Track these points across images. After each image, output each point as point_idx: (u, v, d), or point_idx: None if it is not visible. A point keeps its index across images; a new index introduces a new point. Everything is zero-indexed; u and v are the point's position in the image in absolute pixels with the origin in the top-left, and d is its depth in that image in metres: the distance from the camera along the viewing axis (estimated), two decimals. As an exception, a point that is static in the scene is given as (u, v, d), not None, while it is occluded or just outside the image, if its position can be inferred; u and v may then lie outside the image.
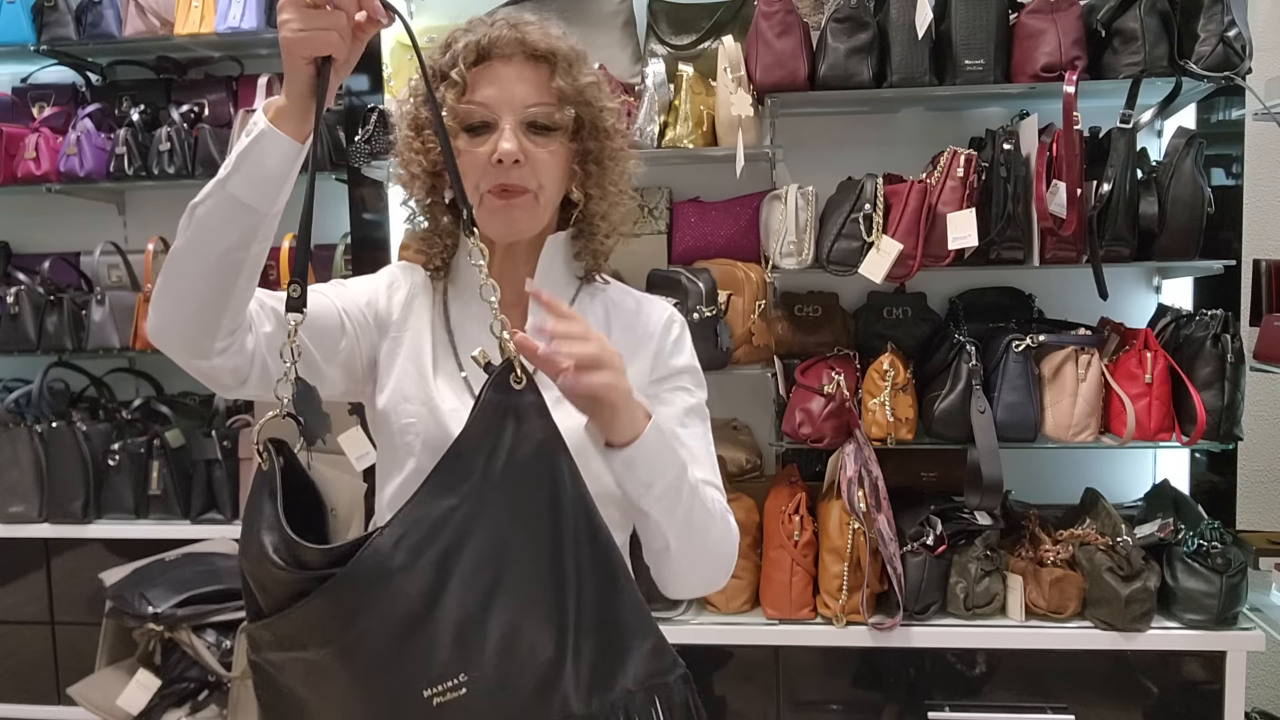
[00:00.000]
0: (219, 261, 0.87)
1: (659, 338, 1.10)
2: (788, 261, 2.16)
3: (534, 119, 1.01)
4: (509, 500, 0.79)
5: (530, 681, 0.79)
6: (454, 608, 0.76)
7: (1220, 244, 2.13)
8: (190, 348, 0.89)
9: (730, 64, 2.14)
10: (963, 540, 2.07)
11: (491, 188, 1.00)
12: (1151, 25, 2.02)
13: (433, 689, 0.76)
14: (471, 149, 1.01)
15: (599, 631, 0.82)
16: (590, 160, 1.06)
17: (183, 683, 2.22)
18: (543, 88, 1.01)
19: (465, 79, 1.00)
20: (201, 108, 2.89)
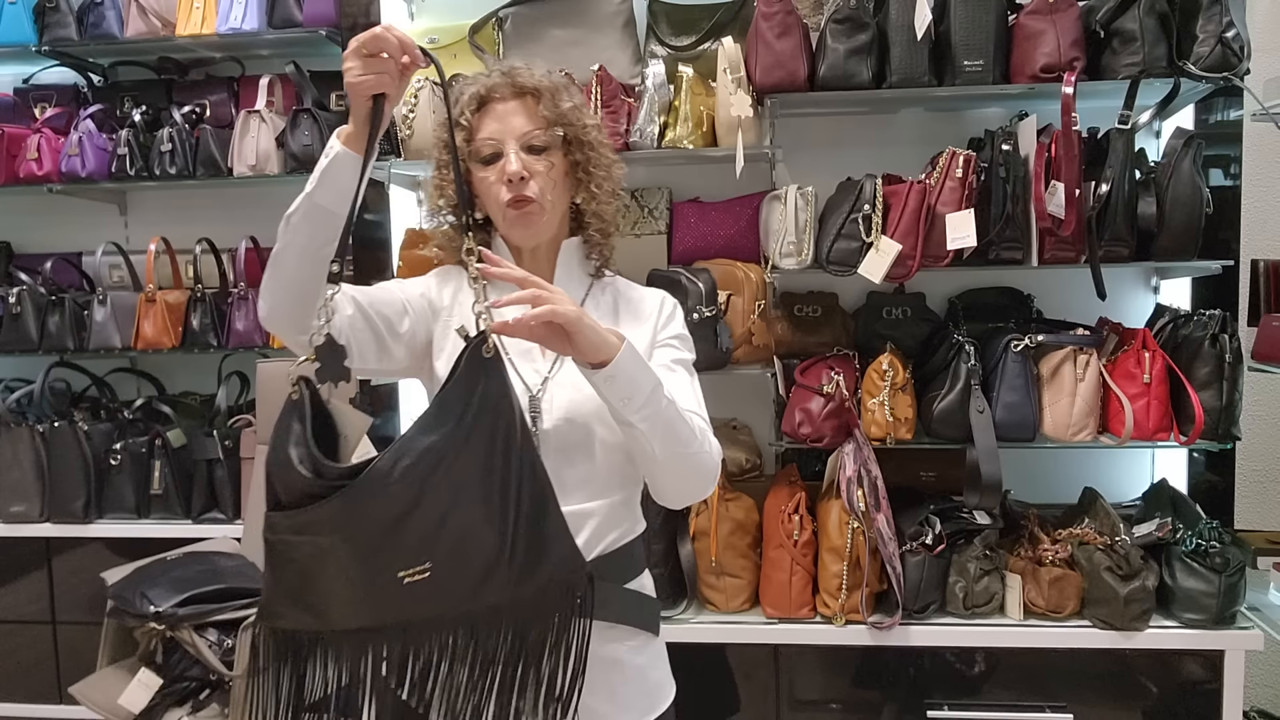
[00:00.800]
0: (310, 255, 1.12)
1: (655, 315, 1.35)
2: (787, 262, 2.16)
3: (530, 142, 1.26)
4: (473, 440, 1.03)
5: (476, 570, 1.03)
6: (425, 514, 1.00)
7: (1218, 244, 2.14)
8: (294, 325, 1.15)
9: (730, 65, 2.15)
10: (962, 540, 2.08)
11: (507, 202, 1.25)
12: (1150, 26, 2.03)
13: (405, 570, 1.00)
14: (487, 176, 1.27)
15: (529, 539, 1.05)
16: (580, 168, 1.31)
17: (184, 682, 2.22)
18: (533, 117, 1.27)
19: (471, 123, 1.28)
20: (203, 108, 2.90)
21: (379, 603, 1.02)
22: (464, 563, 1.03)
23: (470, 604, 1.04)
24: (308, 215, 1.12)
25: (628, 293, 1.38)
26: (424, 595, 1.02)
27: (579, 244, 1.36)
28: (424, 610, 1.03)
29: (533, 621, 1.07)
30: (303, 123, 2.66)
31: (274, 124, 2.71)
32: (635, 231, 2.42)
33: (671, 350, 1.32)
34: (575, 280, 1.34)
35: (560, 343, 1.11)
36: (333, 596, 1.03)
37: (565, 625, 1.09)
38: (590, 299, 1.34)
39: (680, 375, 1.29)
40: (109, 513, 2.77)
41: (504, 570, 1.04)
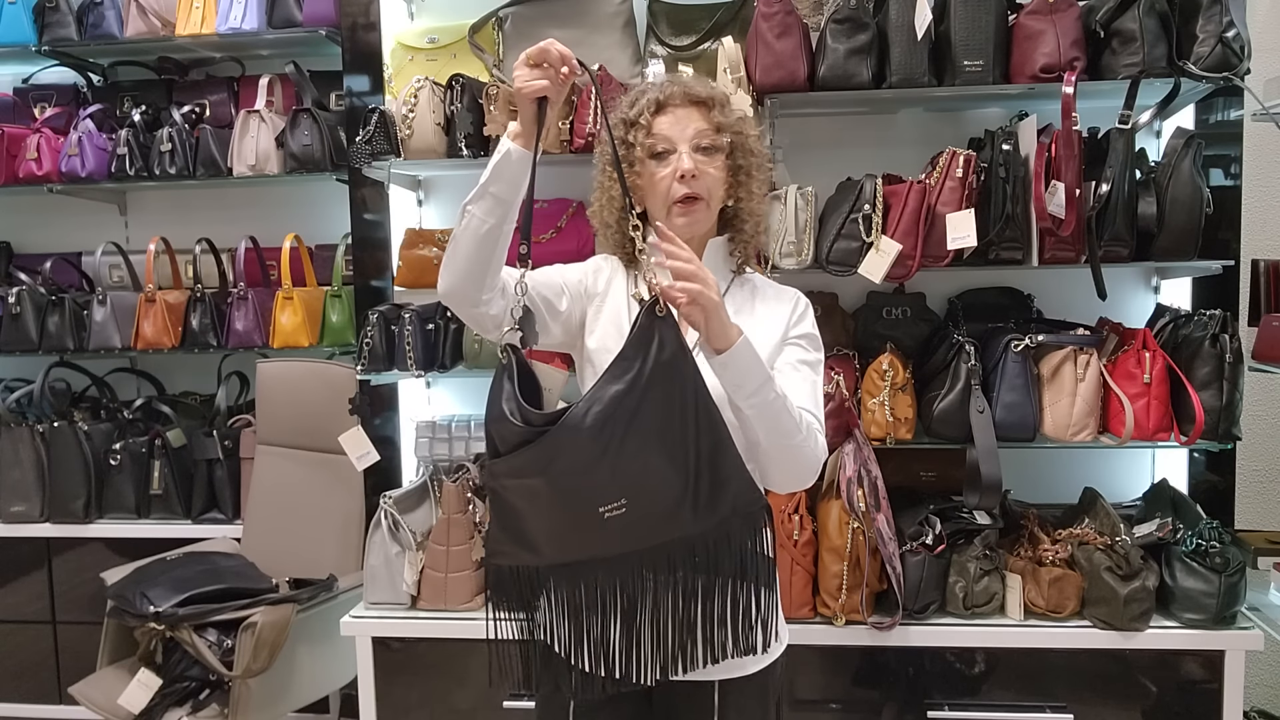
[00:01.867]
0: (484, 238, 1.28)
1: (789, 311, 1.46)
2: (787, 262, 2.16)
3: (700, 142, 1.38)
4: (654, 388, 1.18)
5: (665, 505, 1.19)
6: (618, 454, 1.16)
7: (1219, 244, 2.13)
8: (468, 300, 1.30)
9: (730, 65, 2.15)
10: (962, 540, 2.08)
11: (677, 199, 1.38)
12: (1150, 26, 2.02)
13: (605, 506, 1.17)
14: (658, 171, 1.39)
15: (710, 477, 1.21)
16: (741, 172, 1.43)
17: (184, 682, 2.23)
18: (706, 122, 1.39)
19: (649, 122, 1.39)
20: (203, 108, 2.90)
21: (584, 538, 1.19)
22: (654, 500, 1.18)
23: (663, 537, 1.20)
24: (483, 203, 1.28)
25: (765, 289, 1.50)
26: (623, 530, 1.18)
27: (724, 242, 1.48)
28: (624, 544, 1.20)
29: (723, 552, 1.23)
30: (302, 123, 2.66)
31: (274, 124, 2.72)
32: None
33: (799, 350, 1.43)
34: (719, 275, 1.42)
35: (696, 319, 1.23)
36: (544, 533, 1.21)
37: (751, 554, 1.24)
38: (730, 292, 1.44)
39: (803, 374, 1.40)
40: (109, 513, 2.77)
41: (689, 506, 1.19)
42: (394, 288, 2.50)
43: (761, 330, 1.39)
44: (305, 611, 2.27)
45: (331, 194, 2.79)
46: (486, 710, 2.14)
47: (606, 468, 1.16)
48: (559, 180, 2.44)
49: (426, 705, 2.17)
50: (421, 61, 2.51)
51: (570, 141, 2.24)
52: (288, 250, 2.69)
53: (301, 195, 2.93)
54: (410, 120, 2.29)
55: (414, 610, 2.19)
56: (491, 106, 2.25)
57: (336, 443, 2.40)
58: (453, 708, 2.16)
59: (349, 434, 2.38)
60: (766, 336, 1.40)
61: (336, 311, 2.74)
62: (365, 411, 2.41)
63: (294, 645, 2.23)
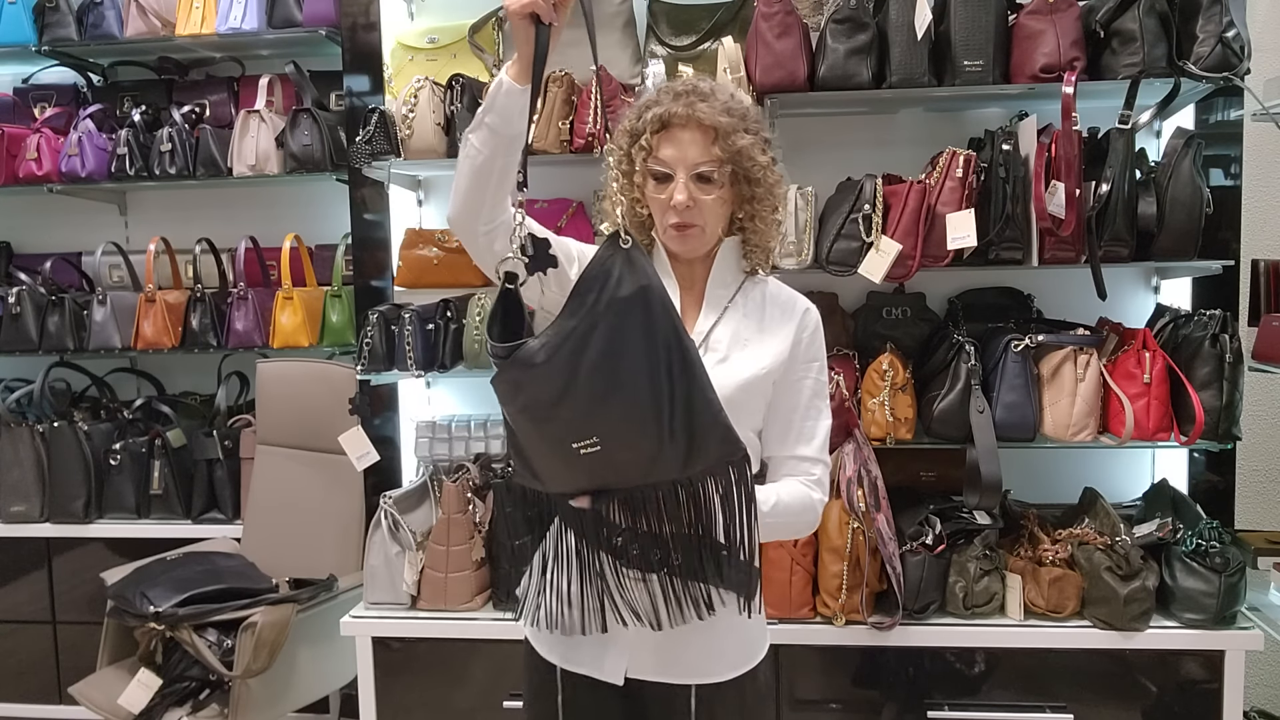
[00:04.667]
0: (481, 170, 1.27)
1: (797, 327, 1.43)
2: (787, 262, 2.16)
3: (700, 173, 1.33)
4: (613, 322, 1.15)
5: (644, 448, 1.17)
6: (584, 391, 1.14)
7: (1219, 244, 2.13)
8: (469, 230, 1.31)
9: (730, 65, 2.15)
10: (962, 540, 2.08)
11: (671, 224, 1.36)
12: (1150, 26, 2.02)
13: (576, 442, 1.16)
14: (658, 194, 1.37)
15: (686, 421, 1.17)
16: (748, 199, 1.39)
17: (184, 682, 2.23)
18: (707, 150, 1.33)
19: (651, 144, 1.35)
20: (203, 108, 2.90)
21: (571, 470, 1.20)
22: (630, 440, 1.17)
23: (649, 478, 1.20)
24: (480, 133, 1.26)
25: (777, 294, 1.46)
26: (604, 467, 1.18)
27: (737, 243, 1.45)
28: (610, 480, 1.20)
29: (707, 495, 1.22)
30: (302, 123, 2.66)
31: (274, 124, 2.72)
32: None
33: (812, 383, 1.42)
34: (730, 275, 1.44)
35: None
36: (538, 461, 1.23)
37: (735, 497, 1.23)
38: (741, 293, 1.43)
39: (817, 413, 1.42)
40: (109, 513, 2.77)
41: (670, 450, 1.17)
42: (394, 288, 2.50)
43: (768, 345, 1.39)
44: (305, 611, 2.27)
45: (331, 194, 2.79)
46: (486, 710, 2.13)
47: (570, 404, 1.15)
48: (559, 180, 2.44)
49: (426, 705, 2.17)
50: (421, 61, 2.51)
51: (570, 141, 2.24)
52: (288, 250, 2.69)
53: (301, 195, 2.93)
54: (410, 120, 2.29)
55: (414, 610, 2.19)
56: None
57: (336, 443, 2.40)
58: (453, 708, 2.16)
59: (349, 434, 2.38)
60: (772, 350, 1.39)
61: (336, 311, 2.74)
62: (365, 411, 2.41)
63: (294, 645, 2.23)
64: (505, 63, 1.28)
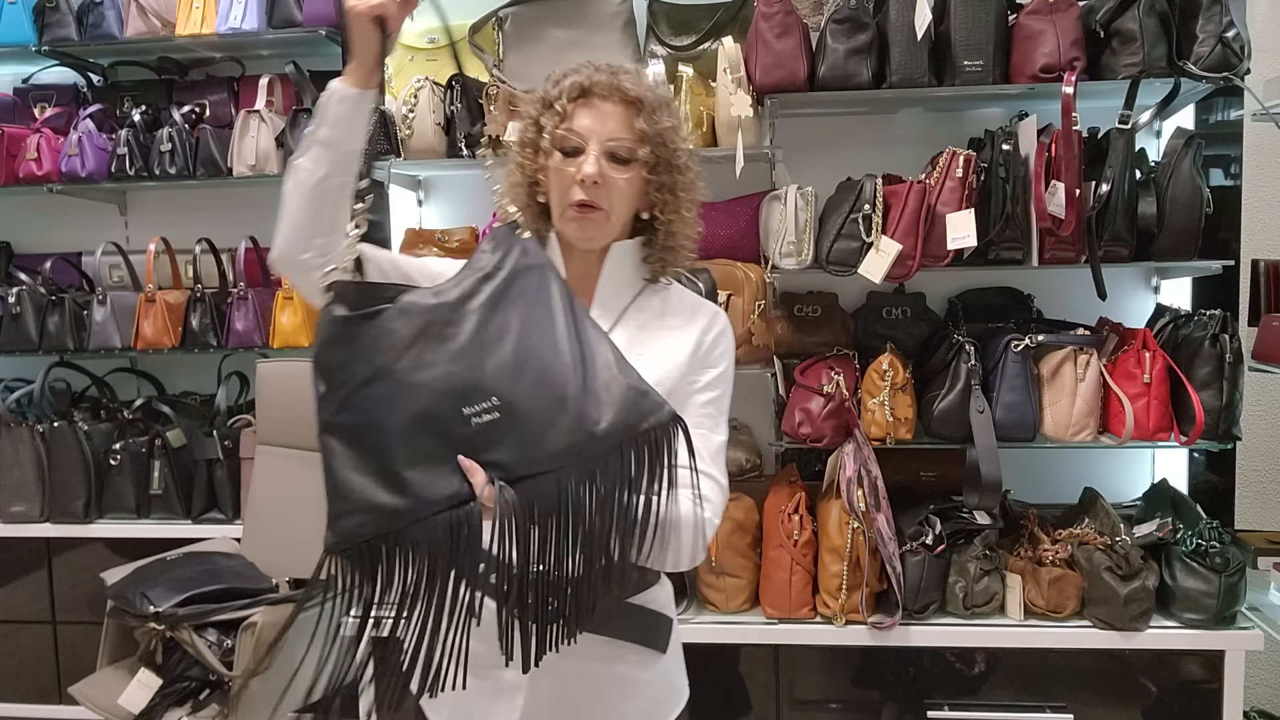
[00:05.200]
0: (313, 191, 1.14)
1: (702, 329, 1.30)
2: (787, 262, 2.16)
3: (615, 150, 1.21)
4: (520, 280, 1.11)
5: (551, 412, 1.04)
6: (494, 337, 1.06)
7: (1219, 244, 2.13)
8: (300, 259, 1.15)
9: (730, 65, 2.15)
10: (962, 540, 2.08)
11: (573, 202, 1.21)
12: (1150, 26, 2.02)
13: (473, 407, 1.03)
14: (562, 167, 1.21)
15: (602, 377, 1.07)
16: (665, 190, 1.25)
17: (184, 682, 2.22)
18: (627, 125, 1.21)
19: (566, 110, 1.21)
20: (203, 108, 2.90)
21: (447, 454, 1.04)
22: (538, 401, 1.04)
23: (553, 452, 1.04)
24: (310, 153, 1.14)
25: (679, 301, 1.33)
26: (494, 443, 1.03)
27: (633, 247, 1.30)
28: (501, 459, 1.04)
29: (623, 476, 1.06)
30: (302, 123, 2.65)
31: (274, 124, 2.71)
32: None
33: (709, 394, 1.29)
34: (625, 282, 1.30)
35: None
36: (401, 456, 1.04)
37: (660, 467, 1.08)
38: (636, 303, 1.30)
39: (715, 433, 1.27)
40: (109, 513, 2.77)
41: (582, 410, 1.04)
42: (394, 288, 2.50)
43: (664, 350, 1.24)
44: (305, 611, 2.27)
45: (331, 194, 2.78)
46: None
47: (464, 355, 1.04)
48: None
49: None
50: (421, 61, 2.51)
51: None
52: (287, 250, 2.69)
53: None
54: (410, 120, 2.29)
55: (414, 610, 2.18)
56: (491, 106, 2.25)
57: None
58: (453, 708, 2.16)
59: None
60: (668, 357, 1.24)
61: (336, 311, 2.73)
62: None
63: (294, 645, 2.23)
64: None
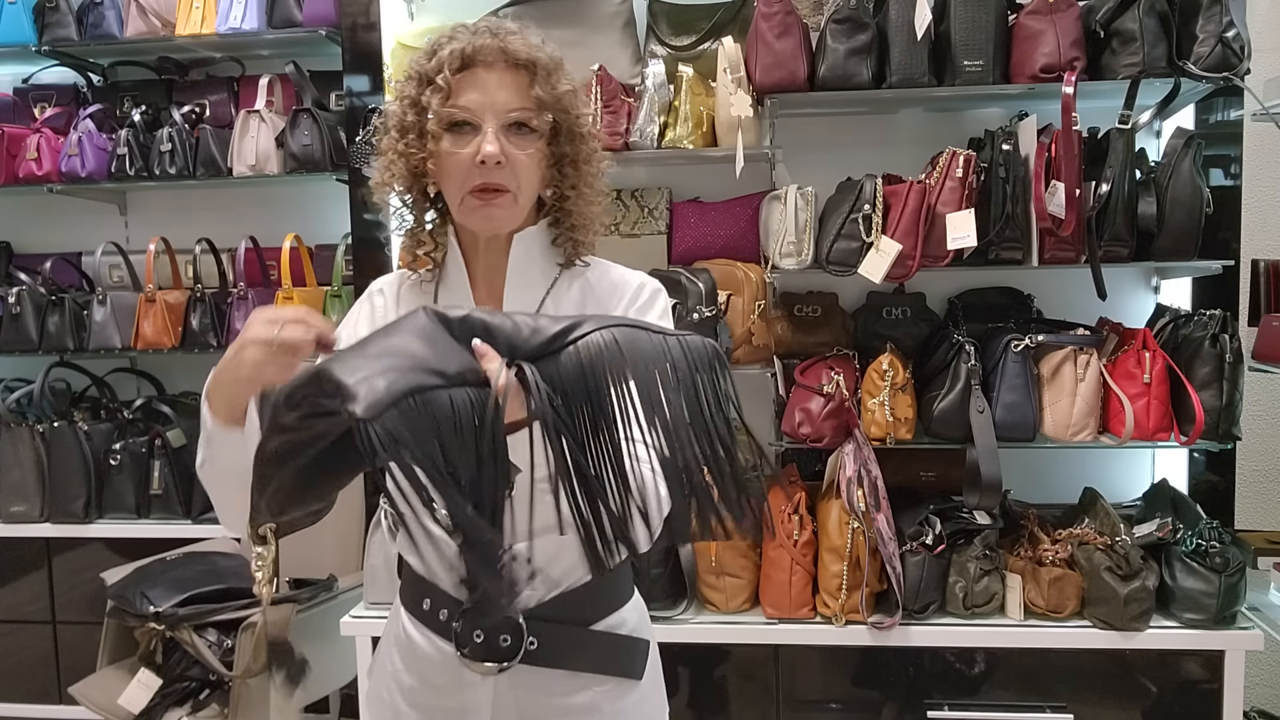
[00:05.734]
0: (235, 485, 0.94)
1: (629, 300, 1.17)
2: (787, 262, 2.16)
3: (515, 121, 1.08)
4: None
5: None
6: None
7: (1219, 244, 2.13)
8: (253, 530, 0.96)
9: (730, 65, 2.15)
10: (962, 540, 2.08)
11: (473, 188, 1.08)
12: (1150, 26, 2.02)
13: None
14: (455, 150, 1.08)
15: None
16: (567, 162, 1.14)
17: (184, 682, 2.23)
18: (523, 94, 1.09)
19: (450, 84, 1.07)
20: (203, 108, 2.90)
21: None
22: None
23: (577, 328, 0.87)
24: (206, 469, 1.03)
25: (599, 281, 1.19)
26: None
27: (539, 233, 1.17)
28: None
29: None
30: (302, 123, 2.66)
31: (274, 124, 2.72)
32: (635, 231, 2.42)
33: None
34: (538, 271, 1.17)
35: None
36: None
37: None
38: (553, 294, 1.17)
39: None
40: (109, 513, 2.77)
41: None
42: (394, 288, 2.50)
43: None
44: (305, 611, 2.27)
45: (331, 194, 2.79)
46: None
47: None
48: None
49: (426, 705, 2.16)
50: (421, 61, 2.50)
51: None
52: (288, 250, 2.69)
53: (301, 195, 2.93)
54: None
55: (414, 610, 2.19)
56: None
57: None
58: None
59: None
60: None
61: (337, 311, 2.74)
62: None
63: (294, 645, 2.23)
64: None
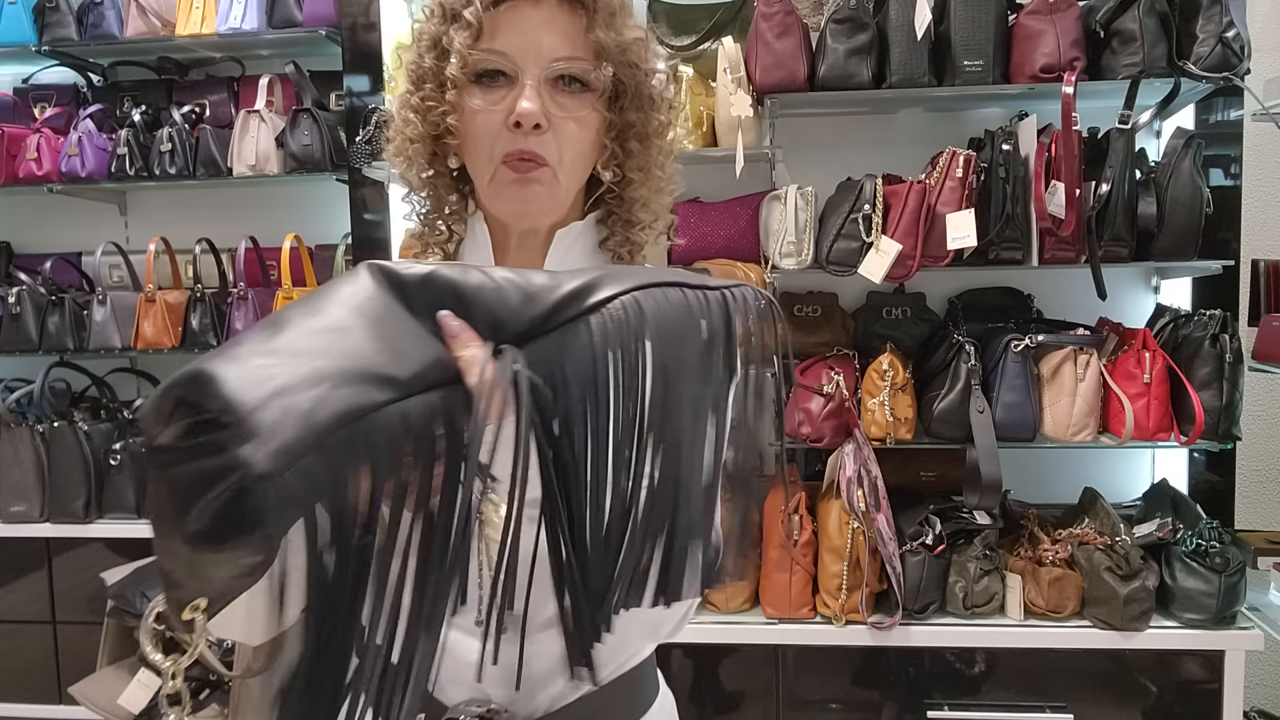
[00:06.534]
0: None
1: None
2: (787, 262, 2.16)
3: (563, 74, 0.82)
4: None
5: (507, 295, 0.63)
6: None
7: (1219, 244, 2.13)
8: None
9: (730, 65, 2.15)
10: (962, 540, 2.08)
11: (506, 156, 0.82)
12: (1150, 26, 2.02)
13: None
14: (486, 108, 0.82)
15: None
16: (632, 135, 0.87)
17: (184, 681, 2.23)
18: (576, 39, 0.82)
19: (481, 20, 0.81)
20: (202, 108, 2.90)
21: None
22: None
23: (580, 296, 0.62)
24: None
25: None
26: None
27: (586, 230, 0.90)
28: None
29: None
30: (302, 123, 2.66)
31: (274, 124, 2.71)
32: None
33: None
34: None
35: None
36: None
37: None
38: None
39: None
40: (109, 513, 2.76)
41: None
42: (394, 288, 2.50)
43: None
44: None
45: (331, 194, 2.78)
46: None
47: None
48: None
49: (426, 705, 2.17)
50: (421, 61, 2.50)
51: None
52: (288, 250, 2.69)
53: (301, 195, 2.92)
54: (410, 120, 2.29)
55: (414, 610, 2.19)
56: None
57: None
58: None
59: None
60: None
61: (336, 311, 2.73)
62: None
63: (294, 645, 2.23)
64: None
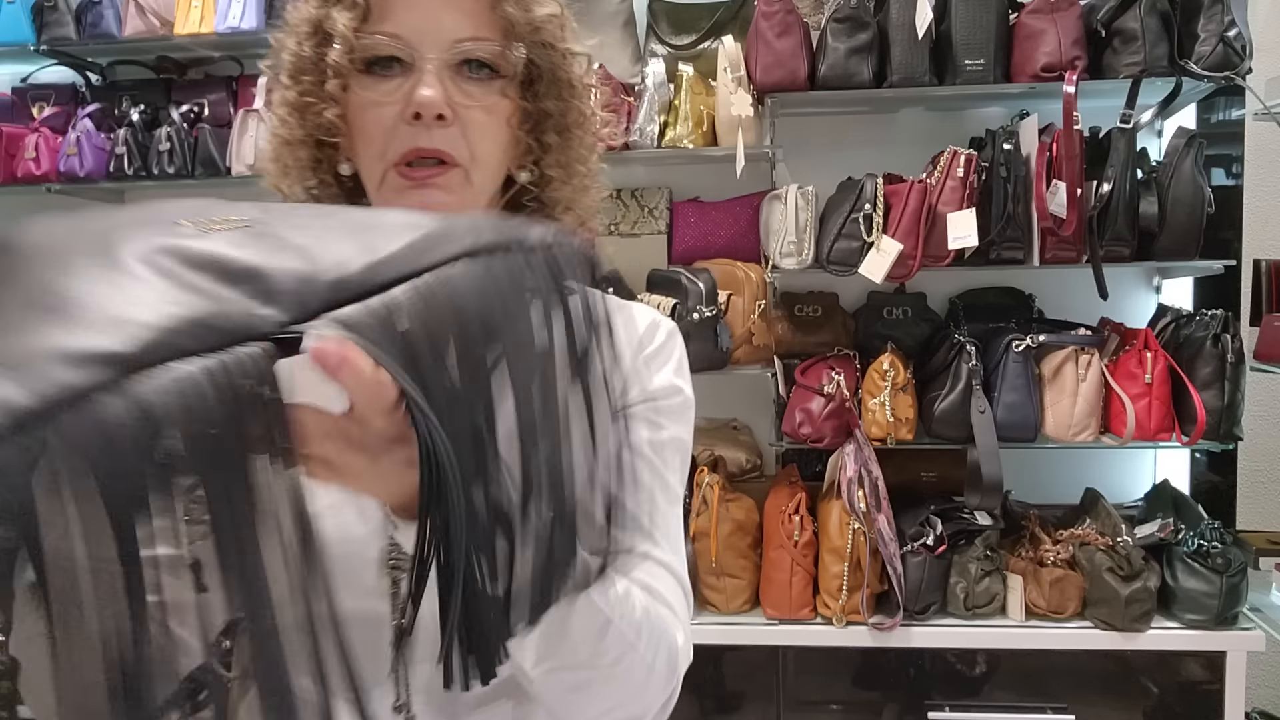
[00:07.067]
0: None
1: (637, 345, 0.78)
2: (788, 261, 2.16)
3: (468, 57, 0.71)
4: None
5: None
6: None
7: (1220, 244, 2.13)
8: None
9: (730, 64, 2.14)
10: (963, 540, 2.07)
11: (401, 157, 0.70)
12: (1151, 25, 2.02)
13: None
14: (376, 99, 0.71)
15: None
16: (549, 127, 0.76)
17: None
18: (481, 18, 0.72)
19: (367, 4, 0.71)
20: (201, 108, 2.89)
21: None
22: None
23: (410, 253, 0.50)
24: None
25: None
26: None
27: None
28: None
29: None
30: (302, 122, 2.65)
31: (273, 123, 2.71)
32: (635, 231, 2.42)
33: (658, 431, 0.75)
34: None
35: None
36: None
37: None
38: None
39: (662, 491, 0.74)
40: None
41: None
42: (393, 287, 2.49)
43: None
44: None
45: (330, 194, 2.78)
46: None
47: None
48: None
49: (426, 706, 2.16)
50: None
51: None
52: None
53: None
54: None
55: (413, 611, 2.18)
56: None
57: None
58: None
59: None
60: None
61: (336, 311, 2.73)
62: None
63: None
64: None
